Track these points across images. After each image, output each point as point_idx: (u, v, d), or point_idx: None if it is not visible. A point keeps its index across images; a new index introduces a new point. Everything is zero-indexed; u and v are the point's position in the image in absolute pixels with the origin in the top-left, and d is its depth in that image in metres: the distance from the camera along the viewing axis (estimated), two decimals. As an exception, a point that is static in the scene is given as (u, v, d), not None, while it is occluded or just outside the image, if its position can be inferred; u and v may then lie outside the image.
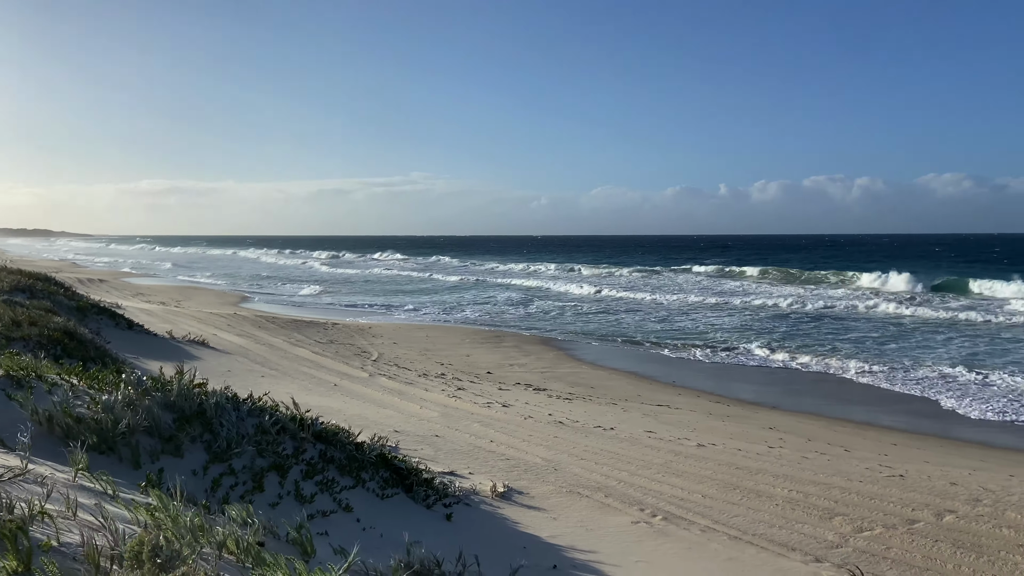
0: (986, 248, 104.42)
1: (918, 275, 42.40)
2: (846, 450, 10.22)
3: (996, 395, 15.63)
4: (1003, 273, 42.76)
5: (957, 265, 62.21)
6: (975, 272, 46.97)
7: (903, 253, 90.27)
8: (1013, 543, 5.68)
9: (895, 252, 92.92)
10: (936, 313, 29.48)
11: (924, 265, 58.03)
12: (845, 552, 5.39)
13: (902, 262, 62.47)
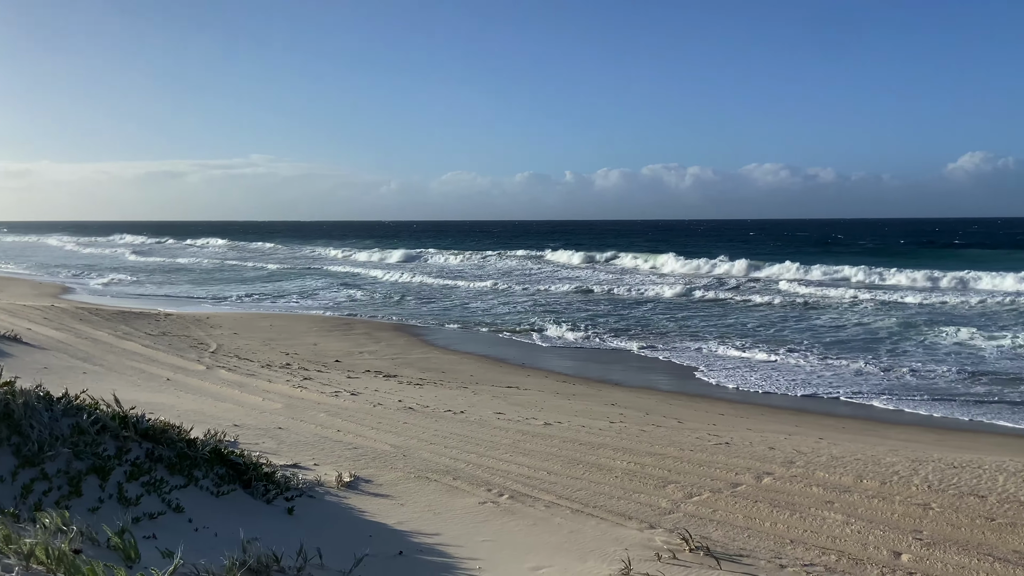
0: (798, 231, 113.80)
1: (716, 257, 45.71)
2: (679, 422, 10.87)
3: (793, 370, 17.17)
4: (800, 257, 46.83)
5: (757, 247, 67.25)
6: (767, 255, 50.97)
7: (723, 237, 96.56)
8: (822, 500, 6.27)
9: (717, 237, 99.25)
10: (710, 294, 31.63)
11: (737, 249, 62.58)
12: (676, 517, 5.74)
13: (718, 246, 67.30)
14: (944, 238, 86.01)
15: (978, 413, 13.22)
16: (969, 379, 15.55)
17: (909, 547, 5.11)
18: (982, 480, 6.85)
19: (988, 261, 45.52)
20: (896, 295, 29.69)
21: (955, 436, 11.91)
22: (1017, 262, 43.82)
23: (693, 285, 34.32)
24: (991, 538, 5.31)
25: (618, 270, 45.44)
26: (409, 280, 39.35)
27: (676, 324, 23.76)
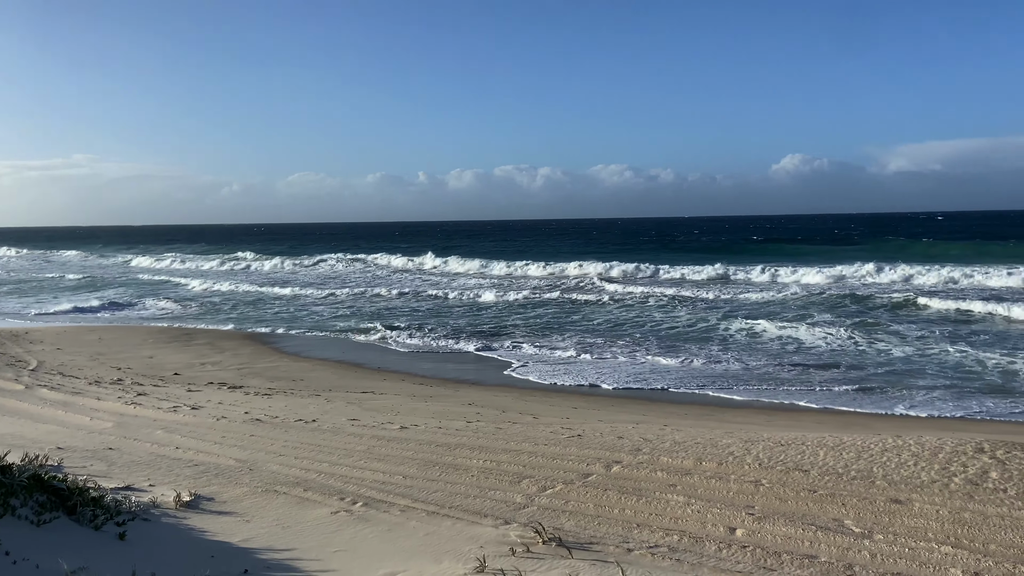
0: (642, 230, 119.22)
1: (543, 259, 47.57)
2: (535, 418, 11.08)
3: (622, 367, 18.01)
4: (641, 255, 49.46)
5: (596, 247, 69.94)
6: (609, 254, 53.43)
7: (569, 236, 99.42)
8: (666, 483, 6.59)
9: (562, 236, 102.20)
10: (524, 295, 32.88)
11: (577, 248, 64.84)
12: (531, 511, 5.84)
13: (563, 245, 69.68)
14: (775, 233, 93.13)
15: (797, 395, 14.43)
16: (788, 365, 16.93)
17: (743, 522, 5.46)
18: (805, 455, 7.45)
19: (807, 255, 50.02)
20: (729, 291, 31.86)
21: (782, 416, 12.89)
22: (829, 255, 48.48)
23: (536, 286, 35.37)
24: (814, 508, 5.78)
25: (451, 273, 45.43)
26: (234, 288, 37.49)
27: (524, 323, 24.28)
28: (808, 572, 4.48)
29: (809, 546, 4.95)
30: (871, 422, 12.56)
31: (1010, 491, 6.06)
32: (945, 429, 10.62)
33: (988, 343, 18.79)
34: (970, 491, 6.06)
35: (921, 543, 4.96)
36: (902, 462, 6.96)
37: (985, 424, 11.96)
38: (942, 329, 21.08)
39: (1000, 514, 5.54)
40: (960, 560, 4.69)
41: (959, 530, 5.22)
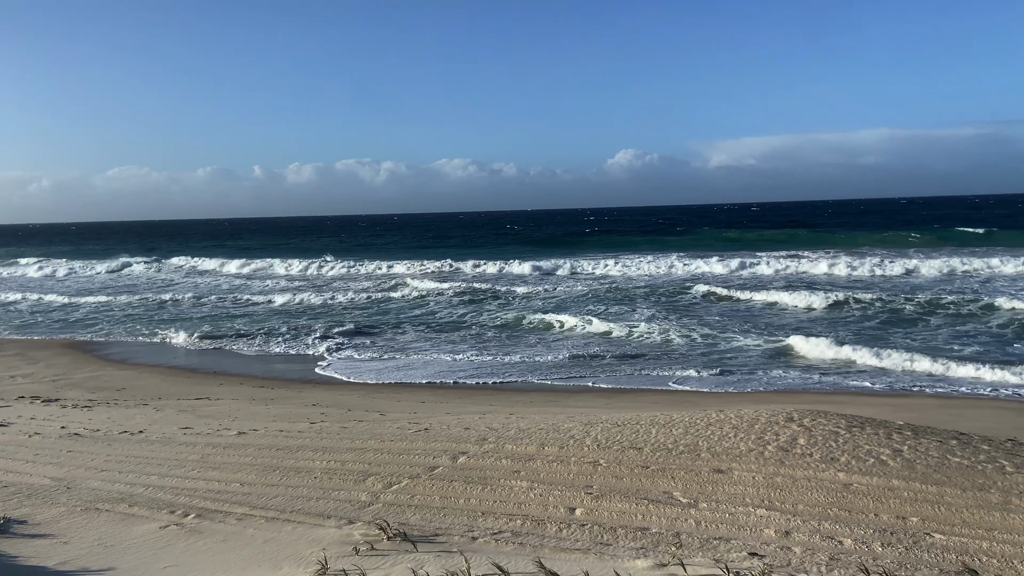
0: (482, 224, 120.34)
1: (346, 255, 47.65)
2: (382, 414, 10.96)
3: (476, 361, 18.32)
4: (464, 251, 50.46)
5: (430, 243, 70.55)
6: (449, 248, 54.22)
7: (415, 233, 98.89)
8: (510, 470, 6.74)
9: (401, 231, 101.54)
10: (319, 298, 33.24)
11: (417, 245, 65.01)
12: (376, 508, 5.78)
13: (397, 244, 69.66)
14: (610, 225, 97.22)
15: (626, 378, 15.24)
16: (616, 352, 17.81)
17: (582, 502, 5.69)
18: (639, 434, 7.86)
19: (638, 245, 53.01)
20: (551, 284, 33.06)
21: (620, 398, 13.54)
22: (659, 246, 51.61)
23: (366, 287, 35.26)
24: (647, 484, 6.12)
25: (276, 275, 43.55)
26: (41, 298, 34.34)
27: (366, 321, 24.01)
28: (641, 543, 4.74)
29: (642, 519, 5.24)
30: (700, 399, 13.47)
31: (815, 455, 6.69)
32: (761, 402, 11.57)
33: (780, 326, 20.73)
34: (781, 457, 6.64)
35: (740, 508, 5.38)
36: (724, 435, 7.51)
37: (793, 395, 13.16)
38: (743, 314, 23.04)
39: (807, 476, 6.11)
40: (773, 521, 5.14)
41: (772, 494, 5.71)
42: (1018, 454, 7.10)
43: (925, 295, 23.81)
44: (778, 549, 4.58)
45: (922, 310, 21.93)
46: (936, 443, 7.23)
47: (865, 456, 6.61)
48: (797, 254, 40.79)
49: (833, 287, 27.35)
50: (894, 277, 31.01)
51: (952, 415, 11.72)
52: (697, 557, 4.31)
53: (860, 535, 4.80)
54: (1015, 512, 5.30)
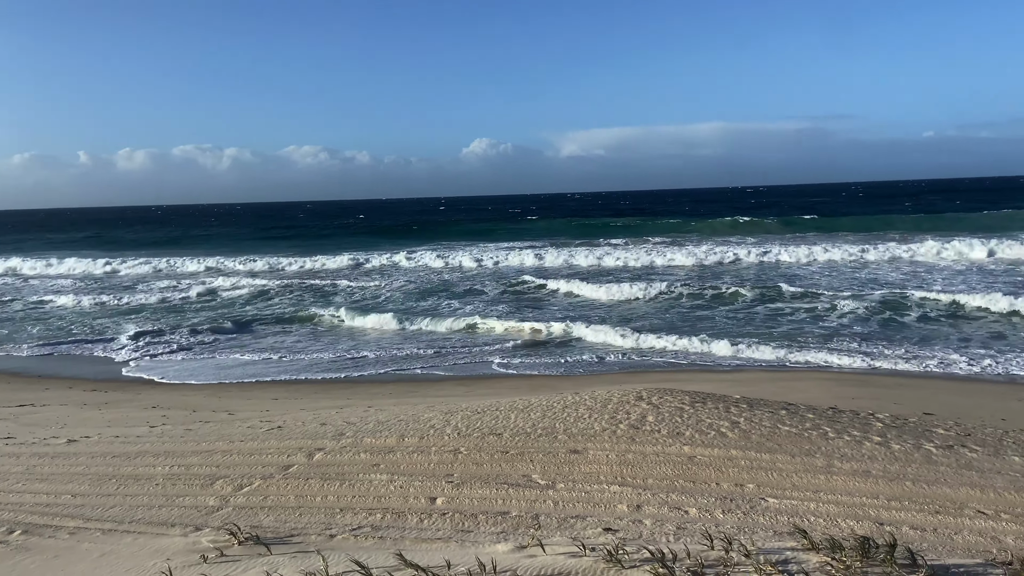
0: (332, 214, 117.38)
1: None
2: (230, 414, 10.46)
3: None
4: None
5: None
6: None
7: (253, 223, 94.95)
8: (369, 464, 6.62)
9: (245, 221, 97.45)
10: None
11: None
12: (225, 513, 5.50)
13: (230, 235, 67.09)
14: (465, 214, 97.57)
15: (481, 364, 15.46)
16: (468, 340, 18.02)
17: (443, 491, 5.69)
18: (499, 420, 7.96)
19: (490, 234, 53.78)
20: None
21: (479, 385, 13.66)
22: (511, 235, 52.61)
23: (188, 284, 33.68)
24: (506, 468, 6.20)
25: (88, 276, 40.34)
26: None
27: (210, 318, 22.94)
28: (501, 528, 4.80)
29: (502, 504, 5.30)
30: (558, 383, 13.83)
31: (663, 431, 7.04)
32: (614, 383, 12.04)
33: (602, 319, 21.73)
34: (632, 435, 6.94)
35: (595, 486, 5.57)
36: (579, 416, 7.75)
37: (644, 374, 13.81)
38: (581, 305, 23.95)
39: (656, 452, 6.42)
40: (625, 496, 5.36)
41: (624, 470, 5.95)
42: (838, 420, 7.80)
43: (747, 285, 25.67)
44: (630, 523, 4.78)
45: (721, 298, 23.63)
46: (768, 414, 7.81)
47: (707, 429, 7.03)
48: (626, 243, 42.89)
49: (655, 276, 28.97)
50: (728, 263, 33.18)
51: (782, 387, 12.71)
52: (555, 536, 4.41)
53: (704, 503, 5.10)
54: (837, 474, 5.82)
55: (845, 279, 26.47)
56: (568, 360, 15.63)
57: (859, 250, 33.26)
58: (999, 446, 6.98)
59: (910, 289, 22.71)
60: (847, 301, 20.78)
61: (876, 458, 6.23)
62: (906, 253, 32.35)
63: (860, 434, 7.09)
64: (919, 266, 29.38)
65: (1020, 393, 12.41)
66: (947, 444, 6.87)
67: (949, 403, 11.27)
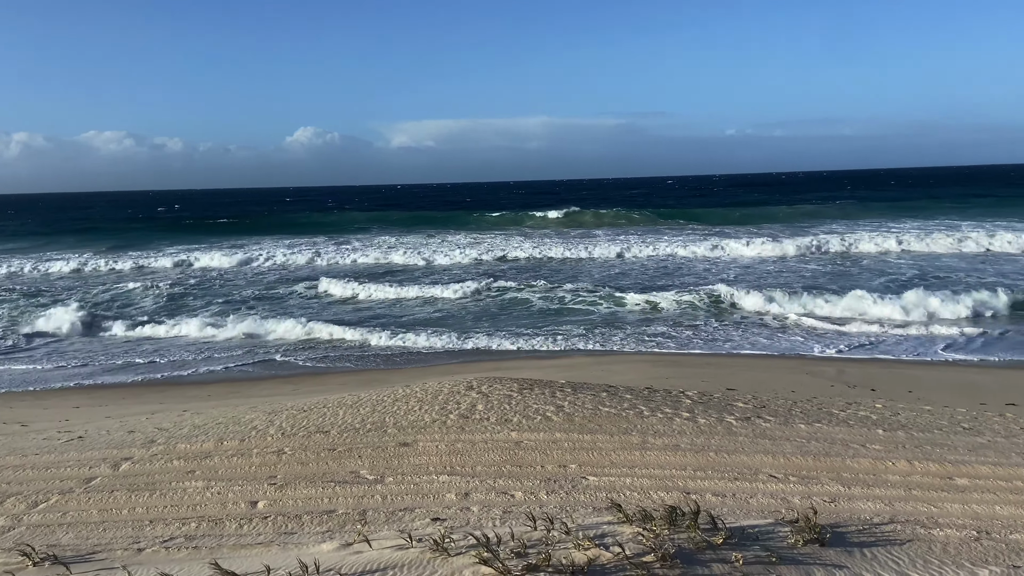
0: (135, 207, 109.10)
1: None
2: (23, 425, 9.47)
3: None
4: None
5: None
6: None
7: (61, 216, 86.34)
8: (183, 471, 6.23)
9: (28, 215, 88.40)
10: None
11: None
12: (19, 532, 4.97)
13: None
14: (288, 207, 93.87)
15: (312, 359, 15.06)
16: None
17: (265, 494, 5.47)
18: (327, 417, 7.76)
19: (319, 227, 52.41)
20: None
21: (308, 382, 13.26)
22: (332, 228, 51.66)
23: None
24: (333, 466, 6.07)
25: None
26: None
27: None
28: (327, 527, 4.69)
29: (328, 502, 5.18)
30: (388, 376, 13.71)
31: (492, 418, 7.18)
32: (447, 374, 12.11)
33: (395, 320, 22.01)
34: (462, 424, 7.02)
35: (424, 477, 5.58)
36: (410, 408, 7.73)
37: (476, 364, 14.00)
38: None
39: (484, 439, 6.53)
40: (454, 485, 5.41)
41: (454, 459, 6.01)
42: (653, 399, 8.32)
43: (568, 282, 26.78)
44: (458, 511, 4.83)
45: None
46: (590, 396, 8.19)
47: (534, 414, 7.25)
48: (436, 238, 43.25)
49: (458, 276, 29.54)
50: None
51: (604, 371, 13.38)
52: (383, 531, 4.37)
53: (529, 486, 5.26)
54: (651, 449, 6.20)
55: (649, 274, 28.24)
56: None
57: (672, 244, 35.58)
58: (789, 415, 7.74)
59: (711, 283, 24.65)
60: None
61: (685, 432, 6.72)
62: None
63: (672, 411, 7.60)
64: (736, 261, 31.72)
65: (808, 367, 13.84)
66: (745, 416, 7.53)
67: (749, 379, 12.36)
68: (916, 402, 9.91)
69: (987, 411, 9.12)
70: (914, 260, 28.99)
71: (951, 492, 5.19)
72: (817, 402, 9.06)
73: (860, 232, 36.29)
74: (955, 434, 7.10)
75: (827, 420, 7.53)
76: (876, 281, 23.76)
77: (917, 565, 3.82)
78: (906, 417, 8.02)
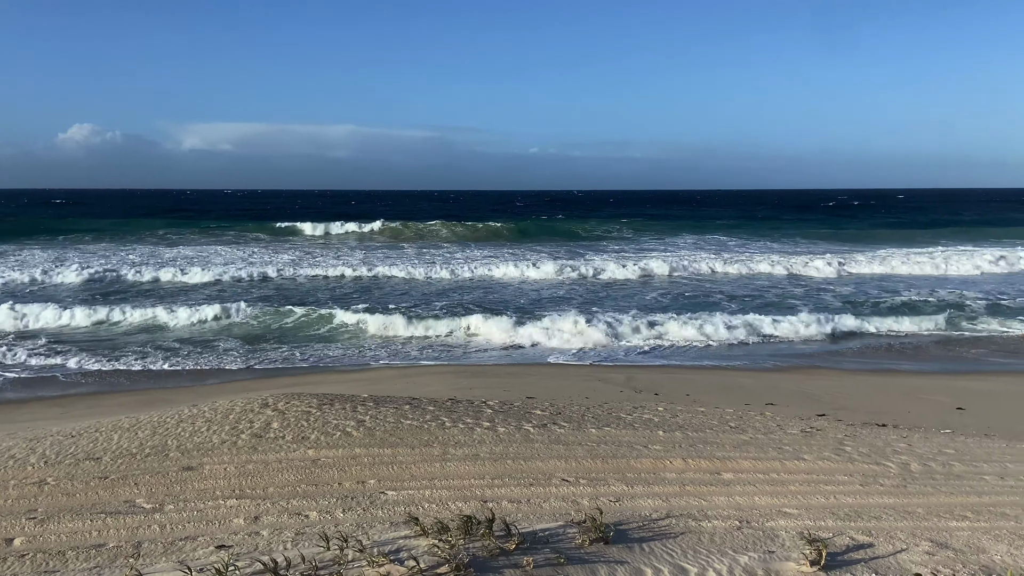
0: None
1: None
2: None
3: None
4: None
5: None
6: None
7: None
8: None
9: None
10: None
11: None
12: None
13: None
14: (64, 210, 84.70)
15: (91, 381, 13.73)
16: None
17: (23, 529, 4.86)
18: (99, 442, 7.06)
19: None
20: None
21: (80, 404, 12.03)
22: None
23: None
24: (105, 496, 5.52)
25: None
26: None
27: None
28: (95, 563, 4.25)
29: (97, 535, 4.71)
30: (173, 395, 12.76)
31: (287, 436, 6.90)
32: (237, 391, 11.49)
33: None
34: (255, 444, 6.68)
35: (209, 503, 5.23)
36: (196, 430, 7.23)
37: (272, 380, 13.42)
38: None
39: (279, 459, 6.26)
40: (243, 509, 5.12)
41: (244, 482, 5.70)
42: (455, 410, 8.41)
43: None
44: (247, 536, 4.58)
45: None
46: (393, 409, 8.12)
47: (333, 431, 7.06)
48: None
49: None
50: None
51: (409, 383, 13.35)
52: (159, 563, 4.04)
53: (325, 505, 5.10)
54: (451, 460, 6.26)
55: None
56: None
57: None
58: (582, 420, 8.14)
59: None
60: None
61: (485, 441, 6.85)
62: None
63: (473, 421, 7.72)
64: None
65: (600, 374, 14.67)
66: (542, 423, 7.82)
67: (548, 387, 12.87)
68: (692, 404, 10.82)
69: (751, 410, 10.15)
70: (689, 278, 31.68)
71: (718, 486, 5.72)
72: (608, 407, 9.61)
73: (645, 250, 39.08)
74: (723, 432, 7.82)
75: (615, 424, 8.01)
76: (650, 295, 25.75)
77: (688, 555, 4.16)
78: (683, 419, 8.72)
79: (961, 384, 14.08)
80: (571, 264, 32.54)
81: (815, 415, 10.23)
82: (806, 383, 13.86)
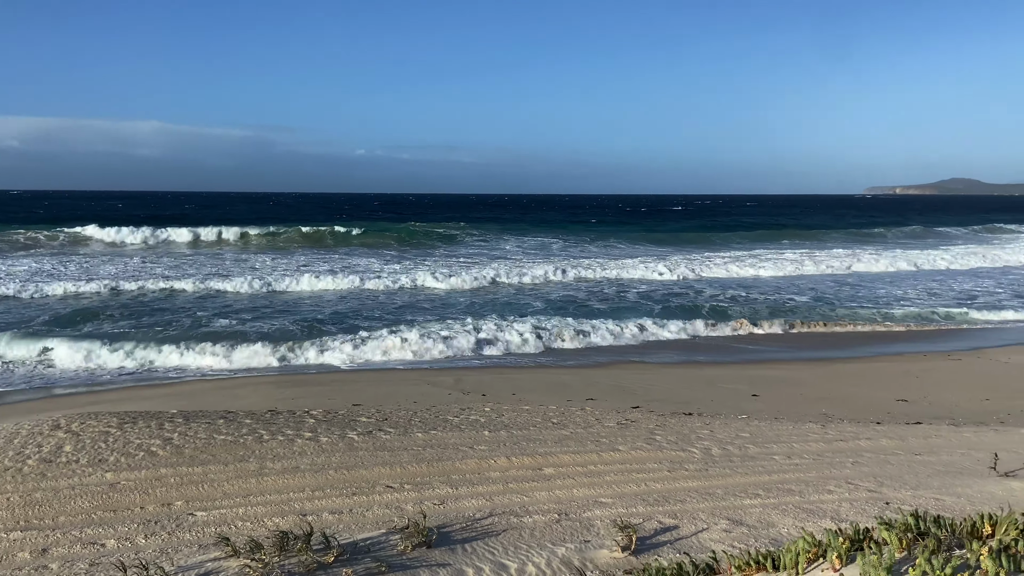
0: None
1: None
2: None
3: None
4: None
5: None
6: None
7: None
8: None
9: None
10: None
11: None
12: None
13: None
14: None
15: None
16: None
17: None
18: None
19: None
20: None
21: None
22: None
23: None
24: None
25: None
26: None
27: None
28: None
29: None
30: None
31: (82, 460, 6.30)
32: (28, 412, 10.36)
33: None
34: (44, 470, 6.05)
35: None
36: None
37: (68, 399, 12.22)
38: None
39: (71, 485, 5.70)
40: (29, 542, 4.62)
41: (30, 512, 5.14)
42: (275, 422, 8.06)
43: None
44: (32, 571, 4.13)
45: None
46: (205, 425, 7.65)
47: (135, 451, 6.54)
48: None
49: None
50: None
51: (226, 395, 12.62)
52: (-80, 614, 3.55)
53: (124, 532, 4.71)
54: (268, 474, 5.99)
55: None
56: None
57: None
58: (408, 426, 8.09)
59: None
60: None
61: (306, 453, 6.62)
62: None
63: (293, 432, 7.44)
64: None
65: (430, 378, 14.65)
66: (368, 430, 7.69)
67: (375, 393, 12.66)
68: (518, 403, 11.08)
69: (572, 406, 10.55)
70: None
71: (540, 481, 5.89)
72: (435, 410, 9.62)
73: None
74: (546, 429, 8.08)
75: (442, 427, 8.03)
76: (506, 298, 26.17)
77: (509, 552, 4.24)
78: (509, 417, 8.91)
79: (756, 372, 15.45)
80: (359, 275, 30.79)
81: (630, 407, 10.82)
82: (622, 378, 14.61)
